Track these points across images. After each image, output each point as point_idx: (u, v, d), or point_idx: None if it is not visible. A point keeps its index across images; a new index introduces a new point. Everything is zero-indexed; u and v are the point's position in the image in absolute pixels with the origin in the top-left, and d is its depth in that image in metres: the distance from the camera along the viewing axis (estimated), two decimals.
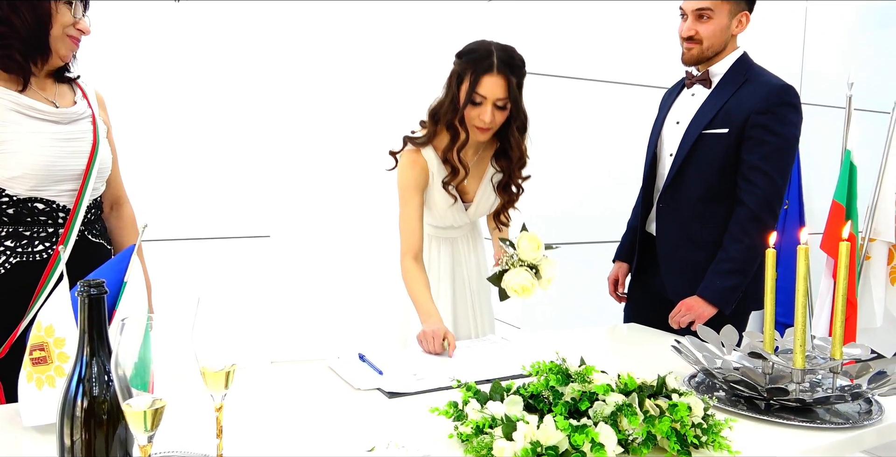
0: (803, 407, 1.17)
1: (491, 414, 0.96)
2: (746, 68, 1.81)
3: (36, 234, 1.33)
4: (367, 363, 1.40)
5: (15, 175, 1.27)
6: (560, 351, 1.49)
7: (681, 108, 1.89)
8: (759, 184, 1.71)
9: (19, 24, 1.26)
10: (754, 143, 1.72)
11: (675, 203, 1.84)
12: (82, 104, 1.42)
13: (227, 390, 0.78)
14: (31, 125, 1.29)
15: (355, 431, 1.05)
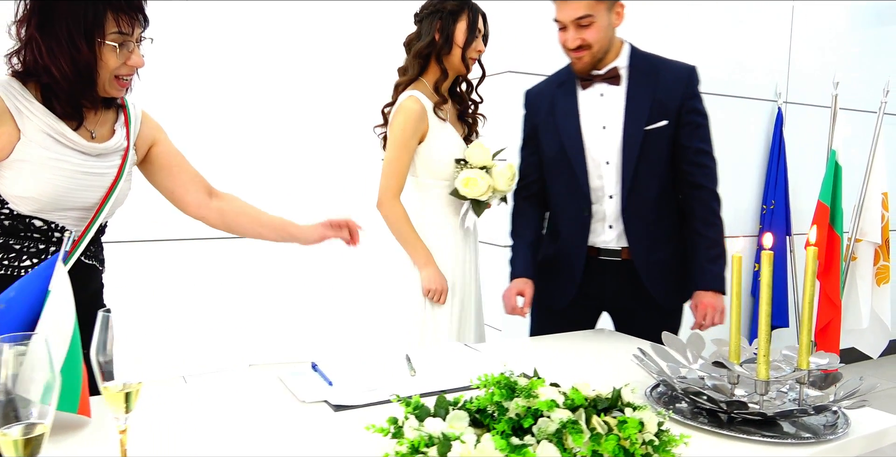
0: (768, 420, 1.13)
1: (428, 432, 0.90)
2: (645, 57, 1.79)
3: (26, 249, 1.27)
4: (318, 373, 1.34)
5: (22, 196, 1.23)
6: (526, 359, 1.44)
7: (597, 112, 1.76)
8: (708, 165, 1.78)
9: (59, 75, 1.19)
10: (692, 127, 1.75)
11: (638, 209, 1.77)
12: (120, 135, 1.36)
13: (127, 413, 0.72)
14: (57, 152, 1.24)
15: (286, 447, 1.00)
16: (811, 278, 1.17)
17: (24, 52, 1.21)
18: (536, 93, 1.88)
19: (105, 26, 1.21)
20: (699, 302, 1.75)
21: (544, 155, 1.84)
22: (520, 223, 1.90)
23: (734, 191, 3.81)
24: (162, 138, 1.48)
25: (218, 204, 1.51)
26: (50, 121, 1.23)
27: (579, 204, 1.78)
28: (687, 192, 1.80)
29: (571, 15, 1.66)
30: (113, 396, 0.71)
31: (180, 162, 1.50)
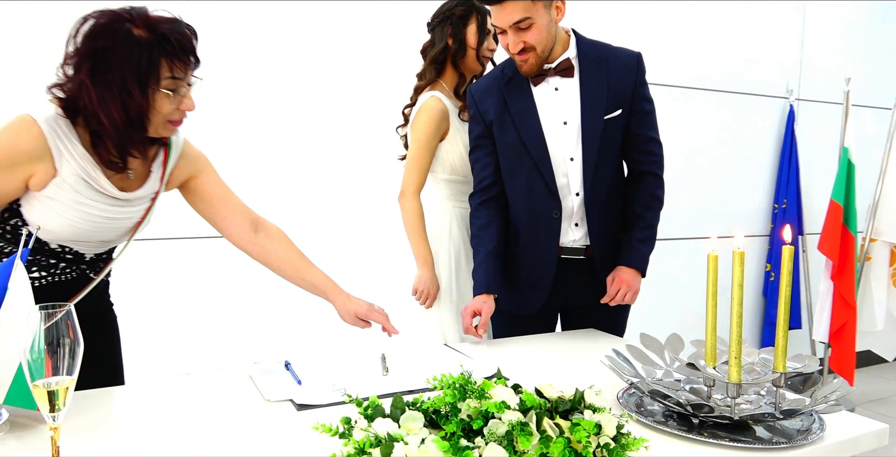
0: (741, 424, 1.09)
1: (374, 433, 0.89)
2: (593, 44, 1.75)
3: (37, 261, 1.28)
4: (290, 372, 1.34)
5: (44, 228, 1.24)
6: (507, 361, 1.42)
7: (556, 107, 1.71)
8: (657, 152, 1.78)
9: (108, 123, 1.18)
10: (642, 115, 1.74)
11: (598, 203, 1.73)
12: (155, 177, 1.35)
13: (54, 412, 0.71)
14: (87, 196, 1.24)
15: (241, 446, 0.99)
16: (787, 279, 1.13)
17: (74, 94, 1.19)
18: (484, 90, 1.78)
19: (160, 73, 1.18)
20: (617, 277, 1.74)
21: (501, 155, 1.77)
22: (482, 229, 1.78)
23: (745, 190, 3.74)
24: (202, 170, 1.45)
25: (263, 243, 1.46)
26: (87, 166, 1.22)
27: (548, 205, 1.72)
28: (635, 178, 1.81)
29: (508, 20, 1.60)
30: (39, 394, 0.71)
31: (222, 194, 1.46)
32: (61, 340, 0.73)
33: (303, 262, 1.48)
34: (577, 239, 1.75)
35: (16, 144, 1.17)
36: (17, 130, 1.18)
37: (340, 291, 1.46)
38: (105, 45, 1.15)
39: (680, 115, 3.42)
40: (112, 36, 1.15)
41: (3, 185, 1.18)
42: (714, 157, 3.59)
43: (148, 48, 1.16)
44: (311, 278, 1.47)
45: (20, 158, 1.17)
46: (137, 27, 1.17)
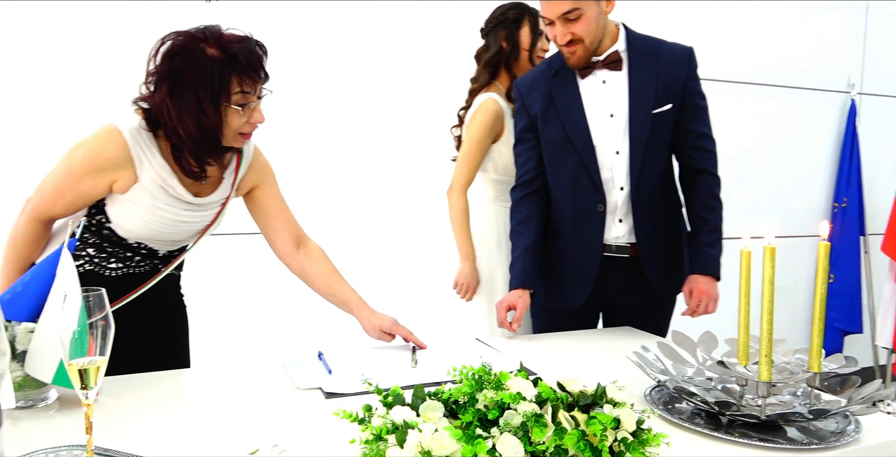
0: (772, 425, 1.06)
1: (391, 420, 0.91)
2: (643, 39, 1.71)
3: (115, 253, 1.39)
4: (322, 362, 1.37)
5: (121, 226, 1.35)
6: (539, 356, 1.42)
7: (602, 100, 1.69)
8: (710, 149, 1.74)
9: (186, 136, 1.27)
10: (694, 110, 1.71)
11: (644, 199, 1.70)
12: (226, 183, 1.43)
13: (85, 390, 0.76)
14: (163, 201, 1.33)
15: (264, 431, 1.03)
16: (823, 276, 1.10)
17: (155, 110, 1.28)
18: (530, 83, 1.77)
19: (230, 89, 1.25)
20: (695, 288, 1.70)
21: (546, 149, 1.76)
22: (521, 224, 1.78)
23: (802, 188, 3.61)
24: (266, 181, 1.52)
25: (302, 259, 1.53)
26: (164, 174, 1.31)
27: (593, 199, 1.70)
28: (689, 176, 1.76)
29: (557, 11, 1.58)
30: (73, 372, 0.76)
31: (277, 208, 1.53)
32: (94, 322, 0.77)
33: (333, 278, 1.54)
34: (621, 236, 1.72)
35: (102, 152, 1.28)
36: (104, 140, 1.28)
37: (365, 307, 1.51)
38: (181, 65, 1.23)
39: (735, 111, 3.32)
40: (188, 57, 1.23)
41: (90, 187, 1.29)
42: (770, 154, 3.47)
43: (219, 67, 1.23)
44: (339, 294, 1.52)
45: (106, 165, 1.28)
46: (210, 47, 1.24)
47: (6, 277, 1.33)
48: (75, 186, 1.29)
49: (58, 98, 2.33)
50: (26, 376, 1.08)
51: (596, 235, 1.72)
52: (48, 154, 1.53)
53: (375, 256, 2.75)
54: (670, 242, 1.77)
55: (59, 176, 1.31)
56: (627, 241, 1.73)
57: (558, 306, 1.80)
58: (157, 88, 1.26)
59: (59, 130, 2.26)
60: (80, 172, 1.28)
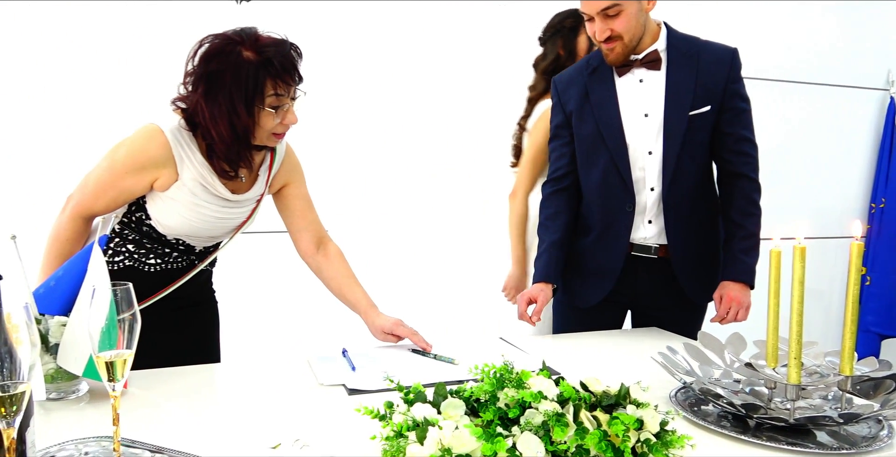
0: (801, 429, 1.04)
1: (412, 417, 0.91)
2: (685, 38, 1.68)
3: (154, 249, 1.42)
4: (346, 359, 1.38)
5: (162, 223, 1.38)
6: (565, 356, 1.41)
7: (638, 99, 1.67)
8: (750, 153, 1.69)
9: (218, 137, 1.30)
10: (735, 113, 1.66)
11: (677, 201, 1.67)
12: (261, 181, 1.47)
13: (112, 381, 0.78)
14: (203, 198, 1.37)
15: (287, 425, 1.04)
16: (855, 276, 1.07)
17: (192, 110, 1.31)
18: (567, 80, 1.77)
19: (264, 92, 1.28)
20: (725, 294, 1.66)
21: (579, 146, 1.75)
22: (549, 219, 1.78)
23: (839, 188, 3.52)
24: (295, 180, 1.55)
25: (319, 260, 1.57)
26: (204, 172, 1.35)
27: (622, 198, 1.68)
28: (727, 180, 1.72)
29: (596, 7, 1.56)
30: (100, 364, 0.77)
31: (302, 208, 1.56)
32: (122, 316, 0.79)
33: (346, 281, 1.56)
34: (650, 237, 1.70)
35: (145, 150, 1.31)
36: (147, 139, 1.32)
37: (371, 311, 1.53)
38: (217, 67, 1.26)
39: (769, 109, 3.26)
40: (224, 59, 1.26)
41: (132, 184, 1.33)
42: (806, 153, 3.40)
43: (254, 70, 1.26)
44: (349, 297, 1.55)
45: (148, 163, 1.31)
46: (247, 50, 1.26)
47: (47, 272, 1.37)
48: (117, 184, 1.33)
49: (96, 97, 2.39)
50: (58, 369, 1.11)
51: (622, 235, 1.70)
52: (87, 151, 1.58)
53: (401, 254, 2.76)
54: (705, 247, 1.74)
55: (101, 174, 1.34)
56: (657, 242, 1.70)
57: (577, 303, 1.79)
58: (194, 89, 1.29)
59: (99, 128, 2.32)
60: (123, 170, 1.31)
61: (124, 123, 1.48)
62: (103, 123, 2.35)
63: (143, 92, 2.30)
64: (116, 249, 1.42)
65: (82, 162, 1.48)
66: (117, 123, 2.24)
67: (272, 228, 2.26)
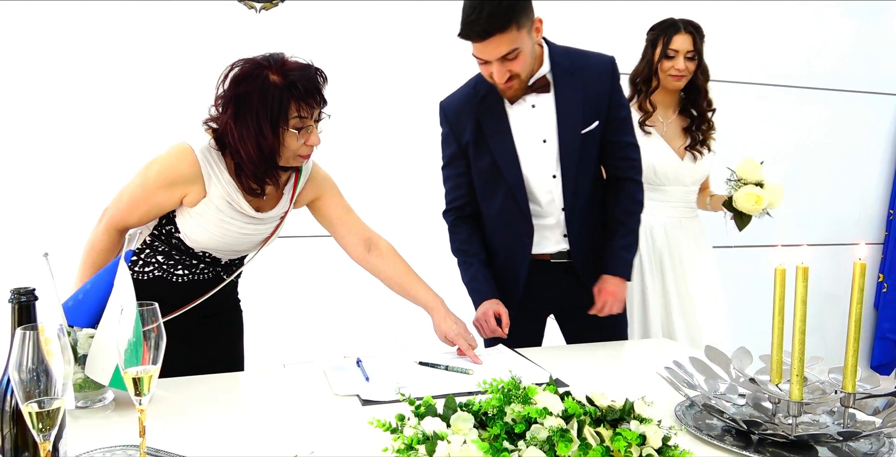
0: (803, 445, 1.06)
1: (422, 430, 0.95)
2: (565, 53, 1.69)
3: (182, 260, 1.49)
4: (360, 369, 1.42)
5: (189, 237, 1.45)
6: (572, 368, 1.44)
7: (533, 126, 1.68)
8: (634, 157, 1.77)
9: (246, 157, 1.36)
10: (618, 123, 1.73)
11: (578, 214, 1.72)
12: (285, 199, 1.52)
13: (139, 396, 0.83)
14: (228, 215, 1.44)
15: (303, 437, 1.08)
16: (858, 296, 1.09)
17: (221, 130, 1.38)
18: (457, 110, 1.74)
19: (288, 114, 1.34)
20: (603, 288, 1.73)
21: (477, 177, 1.76)
22: (466, 243, 1.79)
23: (857, 194, 3.51)
24: (326, 192, 1.60)
25: (374, 262, 1.61)
26: (231, 191, 1.42)
27: (522, 232, 1.72)
28: (613, 183, 1.80)
29: (496, 54, 1.52)
30: (127, 379, 0.82)
31: (341, 215, 1.61)
32: (147, 333, 0.84)
33: (408, 279, 1.61)
34: (566, 248, 1.76)
35: (176, 168, 1.39)
36: (178, 157, 1.39)
37: (439, 310, 1.57)
38: (246, 90, 1.32)
39: (784, 115, 3.26)
40: (252, 82, 1.32)
41: (163, 200, 1.40)
42: (823, 159, 3.39)
43: (279, 93, 1.32)
44: (415, 295, 1.60)
45: (178, 180, 1.38)
46: (273, 73, 1.33)
47: (82, 280, 1.43)
48: (149, 199, 1.39)
49: (129, 111, 2.47)
50: (86, 378, 1.16)
51: (523, 258, 1.74)
52: (120, 167, 1.64)
53: None
54: (601, 247, 1.80)
55: (134, 189, 1.41)
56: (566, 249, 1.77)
57: None
58: (224, 111, 1.36)
59: (130, 144, 2.39)
60: (155, 185, 1.38)
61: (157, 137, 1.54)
62: (134, 139, 2.42)
63: (179, 107, 2.38)
64: (147, 259, 1.48)
65: (116, 177, 1.56)
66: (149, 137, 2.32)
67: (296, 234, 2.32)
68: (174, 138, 1.44)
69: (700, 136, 2.17)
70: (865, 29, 3.34)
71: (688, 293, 2.17)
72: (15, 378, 0.72)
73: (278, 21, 2.64)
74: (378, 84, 2.74)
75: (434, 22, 2.72)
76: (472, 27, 1.48)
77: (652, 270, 2.17)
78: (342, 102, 2.67)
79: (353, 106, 2.67)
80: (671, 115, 2.19)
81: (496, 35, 1.48)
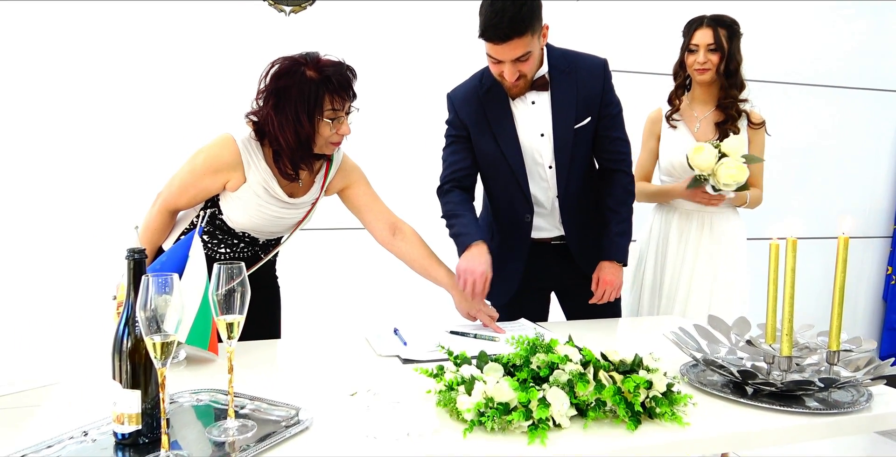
0: (794, 396, 1.21)
1: (461, 375, 1.11)
2: (562, 55, 1.83)
3: (224, 239, 1.66)
4: (398, 336, 1.59)
5: (230, 219, 1.62)
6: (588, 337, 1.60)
7: (533, 121, 1.82)
8: (624, 151, 1.91)
9: (284, 144, 1.51)
10: (609, 118, 1.85)
11: (574, 202, 1.88)
12: (317, 186, 1.68)
13: (230, 339, 1.00)
14: (265, 199, 1.60)
15: (359, 382, 1.25)
16: (842, 266, 1.23)
17: (262, 121, 1.53)
18: (463, 98, 1.88)
19: (323, 106, 1.50)
20: (601, 278, 1.87)
21: (481, 161, 1.90)
22: (459, 203, 1.84)
23: (865, 188, 3.62)
24: (355, 181, 1.76)
25: (399, 245, 1.77)
26: (267, 178, 1.58)
27: (522, 210, 1.88)
28: (605, 175, 1.94)
29: (511, 55, 1.66)
30: (221, 324, 0.99)
31: (368, 203, 1.77)
32: (235, 286, 1.01)
33: (430, 261, 1.77)
34: (562, 232, 1.93)
35: (220, 156, 1.55)
36: (221, 146, 1.56)
37: (457, 289, 1.72)
38: (286, 84, 1.49)
39: (793, 112, 3.38)
40: (291, 77, 1.49)
41: (209, 184, 1.58)
42: (830, 155, 3.51)
43: (315, 86, 1.48)
44: (436, 276, 1.76)
45: (222, 167, 1.56)
46: (310, 69, 1.49)
47: None
48: (197, 184, 1.57)
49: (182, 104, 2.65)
50: None
51: (524, 240, 1.90)
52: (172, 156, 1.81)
53: None
54: (595, 233, 1.93)
55: (184, 176, 1.58)
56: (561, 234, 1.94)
57: (492, 300, 1.92)
58: (265, 103, 1.52)
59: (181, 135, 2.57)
60: (201, 172, 1.56)
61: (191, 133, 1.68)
62: (172, 136, 2.61)
63: (212, 105, 2.56)
64: None
65: (167, 165, 1.72)
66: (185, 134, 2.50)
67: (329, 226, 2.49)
68: (205, 134, 1.62)
69: (729, 131, 2.20)
70: (872, 27, 3.45)
71: (708, 284, 2.26)
72: (141, 317, 0.89)
73: (307, 23, 2.82)
74: (399, 81, 2.90)
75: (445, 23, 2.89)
76: (494, 30, 1.63)
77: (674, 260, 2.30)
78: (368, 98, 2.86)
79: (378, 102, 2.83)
80: (707, 110, 2.26)
81: (514, 39, 1.62)
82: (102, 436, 1.00)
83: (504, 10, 1.61)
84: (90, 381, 1.27)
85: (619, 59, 2.96)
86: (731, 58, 2.19)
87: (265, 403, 1.13)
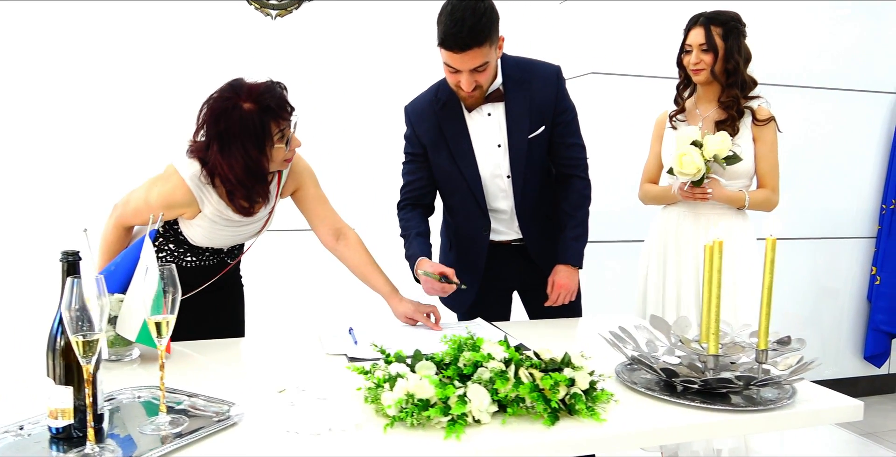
0: (720, 394, 1.24)
1: (388, 372, 1.15)
2: (515, 64, 1.84)
3: (189, 249, 1.70)
4: (351, 335, 1.63)
5: (190, 236, 1.66)
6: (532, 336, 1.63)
7: (489, 132, 1.85)
8: (580, 155, 1.94)
9: (235, 180, 1.51)
10: (564, 125, 1.88)
11: (531, 209, 1.92)
12: (271, 198, 1.67)
13: (161, 338, 1.04)
14: (221, 224, 1.63)
15: (297, 380, 1.29)
16: (770, 266, 1.26)
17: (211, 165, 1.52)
18: (419, 115, 1.90)
19: (271, 133, 1.51)
20: (556, 282, 1.90)
21: (438, 176, 1.93)
22: (409, 221, 1.92)
23: (851, 190, 3.62)
24: (305, 183, 1.77)
25: (341, 250, 1.80)
26: (221, 208, 1.60)
27: (479, 223, 1.92)
28: (562, 180, 1.96)
29: (470, 65, 1.67)
30: (151, 324, 1.04)
31: (315, 206, 1.79)
32: (167, 289, 1.05)
33: (369, 269, 1.80)
34: (517, 239, 1.97)
35: (172, 196, 1.57)
36: (172, 187, 1.56)
37: (394, 296, 1.77)
38: (226, 125, 1.49)
39: (784, 113, 3.36)
40: (229, 116, 1.49)
41: (164, 215, 1.59)
42: (819, 156, 3.51)
43: (258, 118, 1.50)
44: (373, 283, 1.80)
45: (175, 204, 1.58)
46: (244, 101, 1.50)
47: (100, 265, 1.65)
48: (151, 212, 1.58)
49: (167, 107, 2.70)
50: (117, 336, 1.39)
51: (481, 250, 1.94)
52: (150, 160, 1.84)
53: None
54: (550, 234, 1.96)
55: (138, 203, 1.62)
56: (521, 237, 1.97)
57: (454, 304, 1.99)
58: (208, 147, 1.53)
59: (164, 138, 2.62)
60: (156, 206, 1.58)
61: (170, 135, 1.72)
62: (150, 137, 2.66)
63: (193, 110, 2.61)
64: (160, 247, 1.70)
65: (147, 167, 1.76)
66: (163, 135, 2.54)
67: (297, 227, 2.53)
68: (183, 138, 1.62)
69: (730, 130, 2.15)
70: (858, 29, 3.45)
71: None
72: (66, 316, 0.93)
73: (293, 27, 2.87)
74: (386, 82, 2.95)
75: None
76: (454, 39, 1.64)
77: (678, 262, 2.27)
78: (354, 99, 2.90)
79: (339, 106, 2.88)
80: (710, 109, 2.23)
81: (474, 48, 1.64)
82: (37, 430, 1.05)
83: (464, 20, 1.62)
84: (25, 377, 1.32)
85: (605, 61, 3.01)
86: (728, 57, 2.13)
87: (202, 399, 1.17)
